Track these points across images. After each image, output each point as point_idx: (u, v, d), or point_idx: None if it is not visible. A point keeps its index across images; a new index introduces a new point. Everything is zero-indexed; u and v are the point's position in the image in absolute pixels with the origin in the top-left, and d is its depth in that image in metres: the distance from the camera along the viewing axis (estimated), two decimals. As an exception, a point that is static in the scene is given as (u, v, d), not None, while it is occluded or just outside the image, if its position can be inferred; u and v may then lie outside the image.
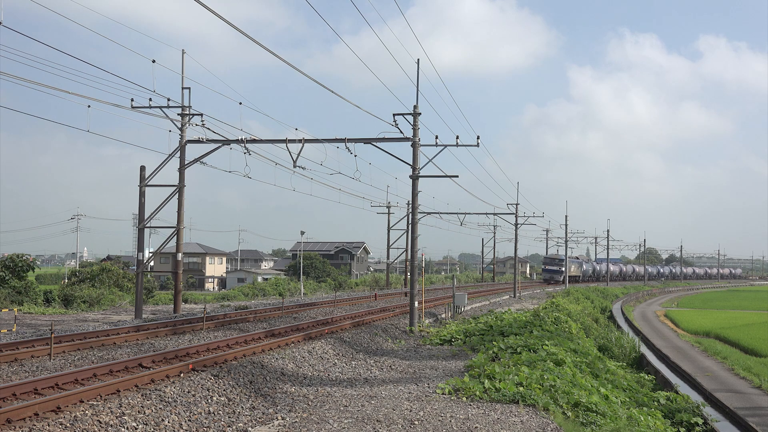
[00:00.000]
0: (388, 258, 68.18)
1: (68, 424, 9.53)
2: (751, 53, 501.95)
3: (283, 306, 30.63)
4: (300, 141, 25.89)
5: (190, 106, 28.77)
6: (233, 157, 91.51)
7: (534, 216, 60.65)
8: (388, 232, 65.67)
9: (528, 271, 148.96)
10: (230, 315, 26.04)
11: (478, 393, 13.04)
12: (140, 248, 29.33)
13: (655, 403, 18.46)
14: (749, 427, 17.70)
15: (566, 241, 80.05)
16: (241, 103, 31.79)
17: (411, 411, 11.73)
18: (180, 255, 30.47)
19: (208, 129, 27.38)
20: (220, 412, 11.51)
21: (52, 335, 15.33)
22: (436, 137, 26.53)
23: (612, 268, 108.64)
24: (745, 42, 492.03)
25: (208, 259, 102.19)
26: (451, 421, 11.03)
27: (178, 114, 28.54)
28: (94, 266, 55.99)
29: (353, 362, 17.76)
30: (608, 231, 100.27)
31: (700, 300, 78.27)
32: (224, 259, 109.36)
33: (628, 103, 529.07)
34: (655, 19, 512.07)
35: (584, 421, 12.25)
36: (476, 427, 10.67)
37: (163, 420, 10.52)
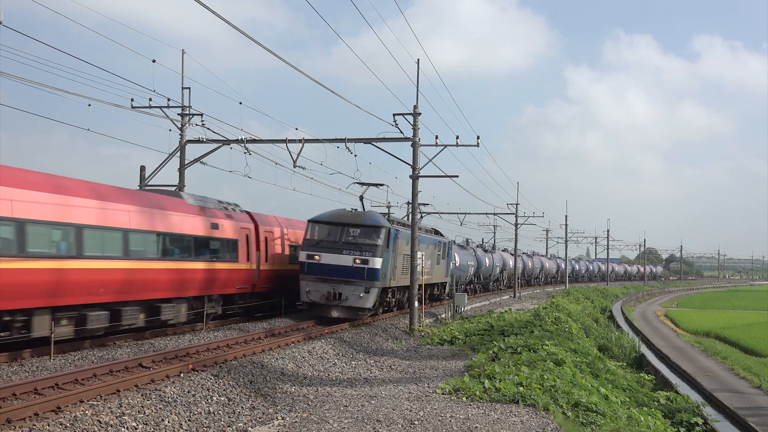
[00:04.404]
0: (388, 258, 67.88)
1: (68, 424, 9.53)
2: (746, 52, 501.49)
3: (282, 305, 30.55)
4: (300, 141, 25.87)
5: (190, 106, 28.70)
6: (233, 157, 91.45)
7: (534, 216, 60.60)
8: (388, 232, 65.47)
9: None
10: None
11: (478, 393, 13.04)
12: (140, 248, 29.27)
13: (655, 403, 18.46)
14: (749, 427, 17.71)
15: (566, 241, 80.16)
16: (241, 103, 31.73)
17: (411, 411, 11.73)
18: (180, 255, 30.41)
19: (208, 129, 27.31)
20: (220, 412, 11.51)
21: (52, 335, 15.32)
22: (436, 137, 26.55)
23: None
24: (740, 41, 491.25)
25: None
26: (451, 421, 11.03)
27: (178, 114, 28.47)
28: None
29: (353, 362, 17.76)
30: (608, 231, 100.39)
31: (700, 300, 78.35)
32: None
33: (627, 103, 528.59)
34: (649, 20, 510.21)
35: (584, 421, 12.25)
36: (476, 427, 10.67)
37: (163, 420, 10.52)
